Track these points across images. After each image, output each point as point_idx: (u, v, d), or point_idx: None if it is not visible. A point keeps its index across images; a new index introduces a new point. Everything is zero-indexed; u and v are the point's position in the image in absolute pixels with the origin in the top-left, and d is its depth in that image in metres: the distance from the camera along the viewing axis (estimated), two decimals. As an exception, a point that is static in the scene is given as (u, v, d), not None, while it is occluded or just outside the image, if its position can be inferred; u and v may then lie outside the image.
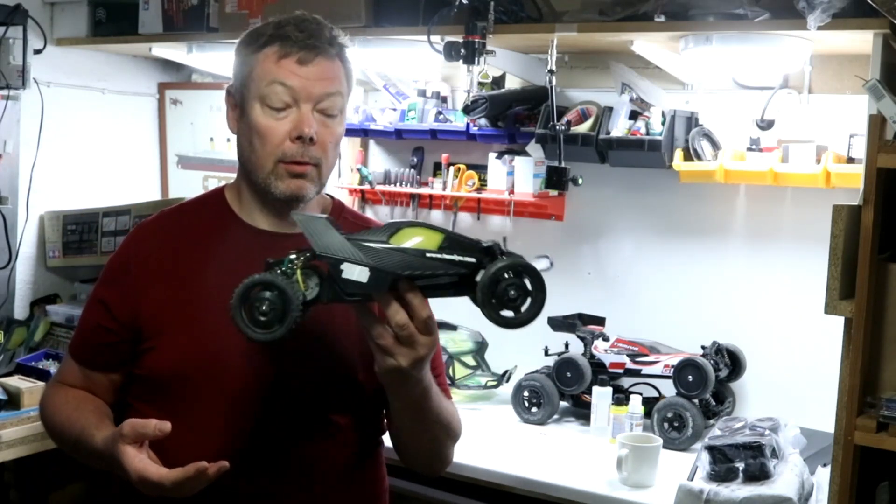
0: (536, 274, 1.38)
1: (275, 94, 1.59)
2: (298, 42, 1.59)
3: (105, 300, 1.67)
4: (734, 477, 2.05)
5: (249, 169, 1.65)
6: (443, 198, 3.13)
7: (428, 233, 1.40)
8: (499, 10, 2.52)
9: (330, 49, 1.62)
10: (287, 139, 1.59)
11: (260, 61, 1.61)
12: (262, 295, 1.37)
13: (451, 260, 1.38)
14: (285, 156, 1.60)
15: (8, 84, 2.97)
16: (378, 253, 1.38)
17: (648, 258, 2.86)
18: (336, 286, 1.38)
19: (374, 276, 1.37)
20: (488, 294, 1.36)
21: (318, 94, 1.60)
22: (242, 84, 1.64)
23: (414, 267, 1.37)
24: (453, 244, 1.39)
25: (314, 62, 1.59)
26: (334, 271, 1.37)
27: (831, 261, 1.88)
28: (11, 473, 2.78)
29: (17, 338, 3.08)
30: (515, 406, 2.69)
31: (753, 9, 2.22)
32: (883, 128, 1.86)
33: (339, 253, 1.37)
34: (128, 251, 1.72)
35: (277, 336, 1.37)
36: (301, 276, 1.38)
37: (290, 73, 1.59)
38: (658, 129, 2.64)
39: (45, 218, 3.32)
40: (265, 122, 1.60)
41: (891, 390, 1.90)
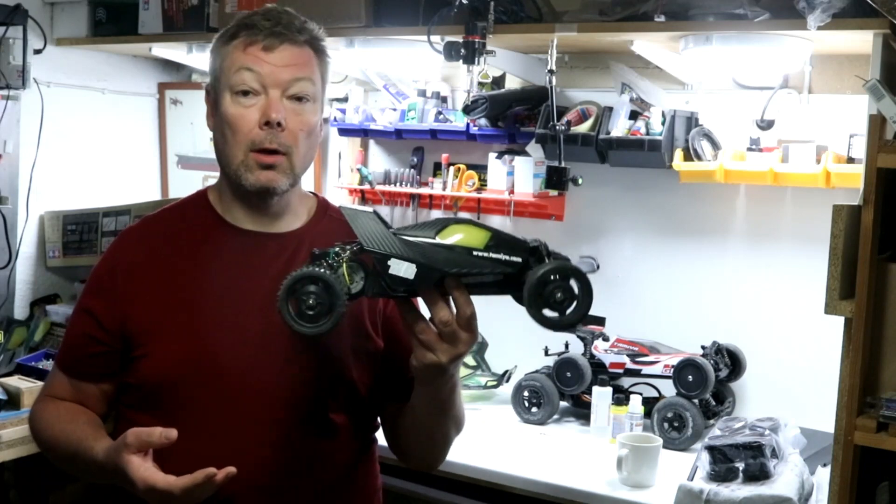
0: (584, 277, 1.38)
1: (242, 80, 1.59)
2: (265, 30, 1.59)
3: (91, 309, 1.65)
4: (734, 477, 2.05)
5: (224, 163, 1.65)
6: (443, 198, 3.13)
7: (475, 230, 1.40)
8: (499, 10, 2.52)
9: (298, 36, 1.62)
10: (256, 126, 1.59)
11: (229, 52, 1.61)
12: (308, 288, 1.36)
13: (497, 259, 1.38)
14: (254, 143, 1.59)
15: (8, 84, 2.97)
16: (424, 249, 1.38)
17: (648, 258, 2.86)
18: (382, 281, 1.38)
19: (420, 272, 1.37)
20: (535, 294, 1.36)
21: (285, 80, 1.60)
22: (215, 78, 1.65)
23: (460, 265, 1.37)
24: (500, 243, 1.39)
25: (280, 48, 1.60)
26: (381, 267, 1.37)
27: (831, 261, 1.88)
28: (11, 473, 2.78)
29: (17, 338, 3.08)
30: (515, 406, 2.69)
31: (753, 9, 2.22)
32: (883, 128, 1.86)
33: (387, 248, 1.37)
34: (113, 259, 1.69)
35: (324, 330, 1.37)
36: (347, 270, 1.39)
37: (257, 59, 1.59)
38: (658, 129, 2.64)
39: (45, 218, 3.32)
40: (234, 111, 1.60)
41: (891, 390, 1.90)
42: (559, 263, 1.37)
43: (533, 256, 1.39)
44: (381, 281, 1.38)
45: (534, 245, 1.40)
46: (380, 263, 1.38)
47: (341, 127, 3.25)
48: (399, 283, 1.38)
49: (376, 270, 1.38)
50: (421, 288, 1.38)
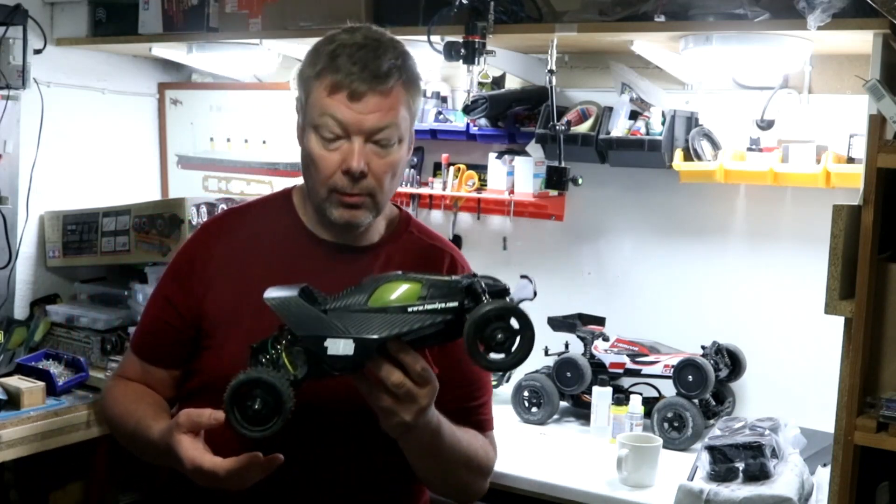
0: (521, 313, 1.35)
1: (326, 126, 1.57)
2: (350, 76, 1.54)
3: (169, 296, 1.69)
4: (734, 477, 2.05)
5: (308, 190, 1.66)
6: (443, 198, 3.13)
7: (406, 285, 1.37)
8: (499, 10, 2.52)
9: (386, 81, 1.56)
10: (338, 170, 1.58)
11: (314, 89, 1.58)
12: (253, 392, 1.34)
13: (433, 310, 1.35)
14: (336, 187, 1.59)
15: (8, 84, 2.97)
16: (358, 320, 1.35)
17: (648, 258, 2.86)
18: (320, 361, 1.35)
19: (359, 345, 1.34)
20: (475, 341, 1.31)
21: (369, 128, 1.57)
22: (302, 106, 1.64)
23: (398, 326, 1.34)
24: (433, 292, 1.36)
25: (365, 98, 1.55)
26: (318, 350, 1.34)
27: (831, 261, 1.88)
28: (11, 473, 2.79)
29: (17, 338, 3.08)
30: (515, 406, 2.69)
31: (753, 9, 2.22)
32: (883, 128, 1.86)
33: (320, 330, 1.34)
34: (194, 248, 1.73)
35: (275, 430, 1.34)
36: (287, 359, 1.36)
37: (341, 107, 1.55)
38: (658, 129, 2.64)
39: (45, 218, 3.32)
40: (318, 152, 1.59)
41: (891, 390, 1.90)
42: (494, 305, 1.32)
43: (468, 296, 1.36)
44: (322, 363, 1.35)
45: (467, 283, 1.37)
46: (316, 346, 1.34)
47: (341, 127, 3.25)
48: (340, 362, 1.34)
49: (311, 352, 1.35)
50: (364, 360, 1.35)
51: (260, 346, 1.39)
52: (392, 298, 1.36)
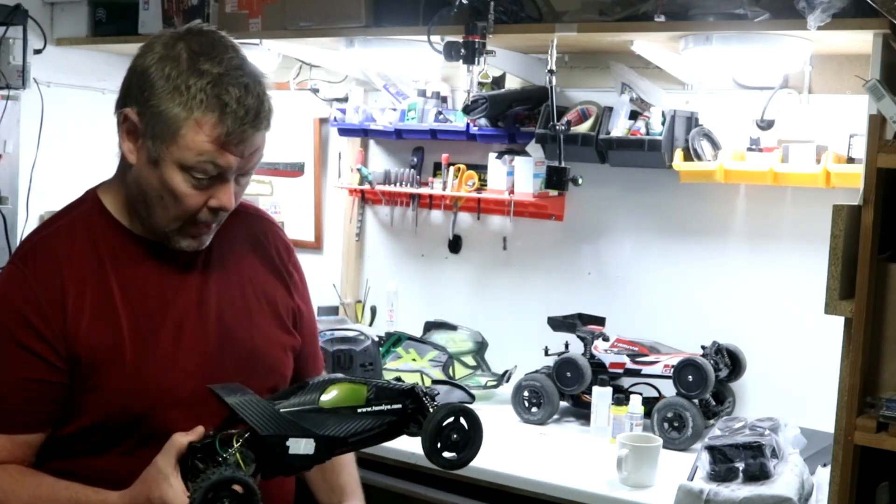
0: (473, 414, 1.46)
1: (202, 169, 1.46)
2: (239, 119, 1.44)
3: (33, 350, 1.46)
4: (734, 477, 2.05)
5: (148, 213, 1.53)
6: (443, 198, 3.13)
7: (352, 387, 1.45)
8: (499, 10, 2.52)
9: (266, 121, 1.49)
10: (203, 206, 1.50)
11: (191, 128, 1.44)
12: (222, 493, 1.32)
13: (380, 411, 1.45)
14: (197, 220, 1.51)
15: (8, 84, 2.98)
16: (315, 420, 1.41)
17: (648, 258, 2.86)
18: (280, 461, 1.38)
19: (320, 444, 1.40)
20: (434, 442, 1.41)
21: (247, 168, 1.52)
22: (161, 134, 1.46)
23: (351, 427, 1.42)
24: (379, 394, 1.46)
25: (248, 141, 1.47)
26: (280, 449, 1.38)
27: (831, 261, 1.88)
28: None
29: (17, 338, 3.07)
30: (515, 406, 2.69)
31: (753, 9, 2.22)
32: (883, 128, 1.86)
33: (283, 429, 1.38)
34: (28, 286, 1.48)
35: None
36: (240, 458, 1.37)
37: (226, 154, 1.45)
38: (658, 129, 2.64)
39: (45, 218, 3.32)
40: (184, 190, 1.47)
41: (891, 390, 1.90)
42: (449, 408, 1.44)
43: (410, 398, 1.46)
44: (279, 461, 1.38)
45: (408, 388, 1.47)
46: (277, 446, 1.38)
47: (341, 127, 3.25)
48: (300, 460, 1.39)
49: (274, 452, 1.38)
50: (323, 458, 1.41)
51: (203, 447, 1.38)
52: (342, 399, 1.44)
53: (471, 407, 1.48)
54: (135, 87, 1.51)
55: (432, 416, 1.42)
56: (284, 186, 3.50)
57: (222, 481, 1.32)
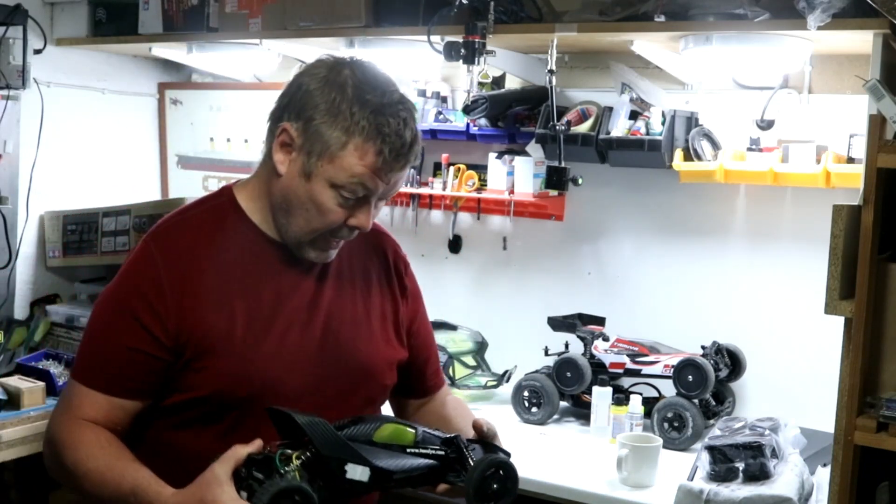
0: (511, 466, 1.53)
1: (352, 190, 1.56)
2: (395, 151, 1.55)
3: (145, 324, 1.56)
4: (734, 477, 2.05)
5: (283, 225, 1.63)
6: (443, 198, 3.13)
7: (402, 428, 1.52)
8: (499, 10, 2.52)
9: (413, 156, 1.60)
10: (342, 222, 1.60)
11: (349, 151, 1.54)
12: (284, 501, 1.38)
13: (426, 454, 1.52)
14: (334, 234, 1.62)
15: (8, 84, 2.97)
16: (371, 452, 1.47)
17: (648, 258, 2.86)
18: (334, 484, 1.43)
19: (375, 474, 1.45)
20: (479, 492, 1.49)
21: (390, 193, 1.62)
22: (319, 151, 1.55)
23: (400, 464, 1.49)
24: (425, 439, 1.53)
25: (399, 172, 1.59)
26: (338, 471, 1.43)
27: (831, 261, 1.88)
28: (11, 473, 2.78)
29: (17, 338, 3.07)
30: (515, 406, 2.69)
31: (753, 9, 2.22)
32: (883, 128, 1.86)
33: (344, 453, 1.44)
34: (156, 268, 1.60)
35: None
36: (298, 476, 1.41)
37: (376, 179, 1.56)
38: (658, 129, 2.64)
39: (45, 218, 3.32)
40: (330, 206, 1.57)
41: (891, 390, 1.90)
42: (493, 459, 1.52)
43: (451, 447, 1.52)
44: (333, 484, 1.43)
45: (449, 437, 1.54)
46: (336, 468, 1.43)
47: (341, 127, 3.25)
48: (354, 486, 1.44)
49: (332, 473, 1.43)
50: (374, 488, 1.47)
51: (264, 460, 1.43)
52: (393, 438, 1.51)
53: (509, 460, 1.54)
54: (296, 104, 1.59)
55: (477, 465, 1.49)
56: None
57: (289, 489, 1.38)
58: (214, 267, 1.62)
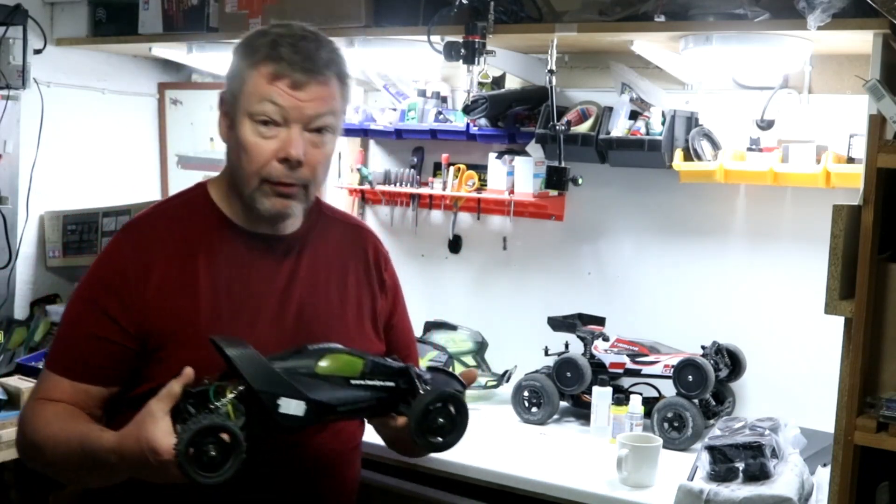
0: (461, 401, 1.51)
1: (264, 112, 1.57)
2: (293, 64, 1.57)
3: (106, 310, 1.61)
4: (734, 477, 2.05)
5: (237, 182, 1.65)
6: (443, 198, 3.13)
7: (349, 359, 1.48)
8: (499, 10, 2.52)
9: (325, 72, 1.60)
10: (273, 159, 1.58)
11: (253, 77, 1.59)
12: (209, 439, 1.36)
13: (373, 386, 1.48)
14: (270, 176, 1.60)
15: (8, 84, 2.97)
16: (308, 384, 1.43)
17: (648, 258, 2.86)
18: (270, 419, 1.41)
19: (311, 408, 1.42)
20: (421, 424, 1.47)
21: (309, 115, 1.59)
22: (234, 96, 1.62)
23: (342, 397, 1.45)
24: (374, 369, 1.49)
25: (307, 87, 1.58)
26: (270, 406, 1.40)
27: (831, 261, 1.88)
28: (11, 473, 2.78)
29: (17, 338, 3.08)
30: (515, 406, 2.69)
31: (753, 9, 2.22)
32: (883, 128, 1.86)
33: (276, 388, 1.40)
34: (124, 258, 1.65)
35: (229, 476, 1.38)
36: (231, 409, 1.39)
37: (283, 94, 1.57)
38: (658, 129, 2.64)
39: (45, 218, 3.32)
40: (253, 140, 1.59)
41: (891, 390, 1.90)
42: (439, 393, 1.48)
43: (402, 378, 1.49)
44: (269, 419, 1.40)
45: (401, 367, 1.50)
46: (269, 403, 1.40)
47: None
48: (289, 420, 1.41)
49: (265, 408, 1.40)
50: (310, 422, 1.44)
51: (197, 394, 1.41)
52: (337, 369, 1.46)
53: (459, 395, 1.52)
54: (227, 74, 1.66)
55: (421, 398, 1.46)
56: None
57: (211, 427, 1.35)
58: (181, 257, 1.64)
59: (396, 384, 1.49)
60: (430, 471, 2.35)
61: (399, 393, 1.49)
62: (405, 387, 1.49)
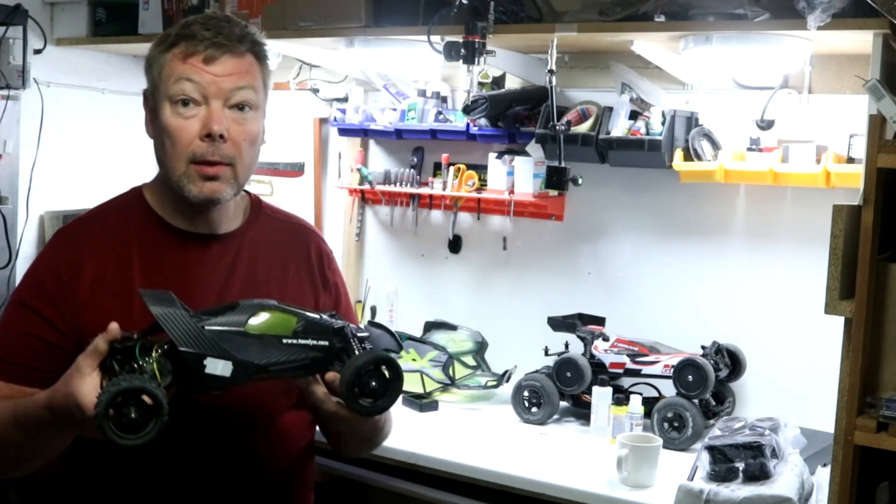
0: (395, 364, 1.46)
1: (181, 90, 1.57)
2: (205, 40, 1.57)
3: (40, 312, 1.60)
4: (734, 477, 2.05)
5: (165, 172, 1.64)
6: (443, 198, 3.13)
7: (282, 316, 1.44)
8: (499, 10, 2.52)
9: (238, 46, 1.60)
10: (196, 138, 1.58)
11: (168, 61, 1.59)
12: (131, 401, 1.32)
13: (305, 345, 1.43)
14: (195, 155, 1.58)
15: (8, 84, 2.97)
16: (238, 343, 1.39)
17: (648, 258, 2.86)
18: (196, 379, 1.38)
19: (238, 369, 1.39)
20: (351, 387, 1.42)
21: (227, 90, 1.59)
22: (153, 86, 1.62)
23: (272, 355, 1.41)
24: (307, 327, 1.44)
25: (221, 59, 1.58)
26: (196, 366, 1.37)
27: (831, 261, 1.88)
28: (11, 473, 2.78)
29: (17, 338, 3.07)
30: (515, 406, 2.69)
31: (753, 9, 2.22)
32: (883, 128, 1.86)
33: (202, 347, 1.37)
34: (54, 262, 1.64)
35: (150, 439, 1.34)
36: (157, 368, 1.36)
37: (197, 70, 1.57)
38: (658, 129, 2.64)
39: (45, 218, 3.32)
40: (174, 122, 1.58)
41: (891, 390, 1.90)
42: (371, 356, 1.44)
43: (338, 337, 1.45)
44: (196, 379, 1.37)
45: (338, 326, 1.46)
46: (195, 363, 1.36)
47: (341, 127, 3.25)
48: (215, 381, 1.38)
49: (190, 368, 1.37)
50: (237, 383, 1.40)
51: (124, 350, 1.38)
52: (268, 327, 1.42)
53: (393, 357, 1.48)
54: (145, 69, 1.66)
55: (353, 360, 1.42)
56: (284, 186, 3.50)
57: (131, 390, 1.31)
58: (115, 257, 1.63)
59: (331, 343, 1.45)
60: (430, 471, 2.35)
61: (334, 352, 1.46)
62: (340, 346, 1.46)
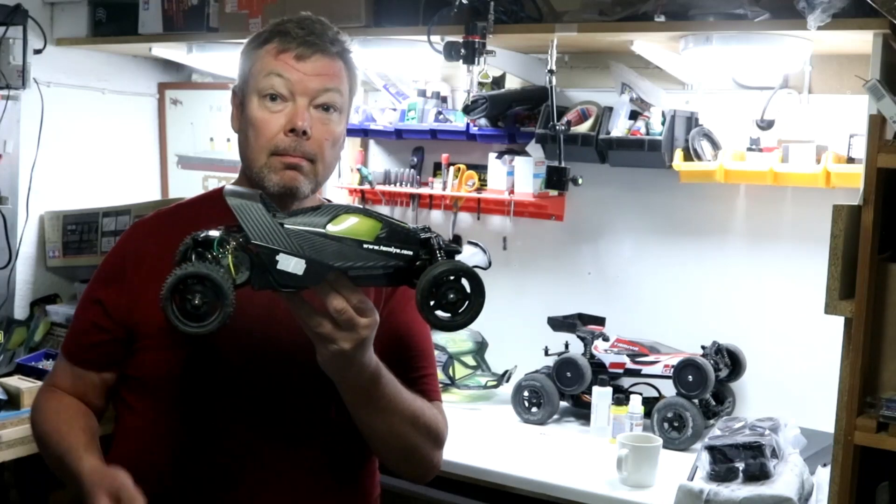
0: (476, 277, 1.38)
1: (271, 85, 1.59)
2: (297, 38, 1.60)
3: (101, 299, 1.66)
4: (734, 477, 2.05)
5: (246, 164, 1.66)
6: (443, 198, 3.13)
7: (366, 221, 1.37)
8: (499, 10, 2.52)
9: (330, 47, 1.62)
10: (281, 132, 1.59)
11: (260, 56, 1.62)
12: (195, 287, 1.31)
13: (387, 252, 1.36)
14: (278, 148, 1.60)
15: (8, 84, 2.97)
16: (314, 243, 1.34)
17: (648, 258, 2.86)
18: (269, 275, 1.34)
19: (310, 267, 1.34)
20: (427, 296, 1.34)
21: (314, 89, 1.60)
22: (244, 81, 1.66)
23: (350, 258, 1.35)
24: (391, 234, 1.37)
25: (312, 58, 1.60)
26: (269, 262, 1.33)
27: (831, 261, 1.88)
28: (11, 473, 2.78)
29: (17, 338, 3.08)
30: (515, 406, 2.69)
31: (753, 9, 2.22)
32: (883, 128, 1.87)
33: (276, 243, 1.34)
34: (123, 250, 1.71)
35: (212, 329, 1.32)
36: (232, 262, 1.34)
37: (288, 66, 1.59)
38: (658, 129, 2.64)
39: (45, 218, 3.32)
40: (260, 115, 1.60)
41: (891, 390, 1.90)
42: (452, 264, 1.35)
43: (424, 248, 1.38)
44: (269, 275, 1.34)
45: (426, 237, 1.38)
46: (267, 258, 1.33)
47: (341, 127, 3.25)
48: (287, 279, 1.34)
49: (263, 264, 1.34)
50: (310, 283, 1.35)
51: (204, 240, 1.36)
52: (350, 231, 1.36)
53: (478, 272, 1.40)
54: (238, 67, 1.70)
55: (431, 268, 1.34)
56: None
57: (196, 275, 1.30)
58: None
59: (415, 253, 1.37)
60: (430, 471, 2.35)
61: (417, 264, 1.37)
62: (426, 257, 1.37)
